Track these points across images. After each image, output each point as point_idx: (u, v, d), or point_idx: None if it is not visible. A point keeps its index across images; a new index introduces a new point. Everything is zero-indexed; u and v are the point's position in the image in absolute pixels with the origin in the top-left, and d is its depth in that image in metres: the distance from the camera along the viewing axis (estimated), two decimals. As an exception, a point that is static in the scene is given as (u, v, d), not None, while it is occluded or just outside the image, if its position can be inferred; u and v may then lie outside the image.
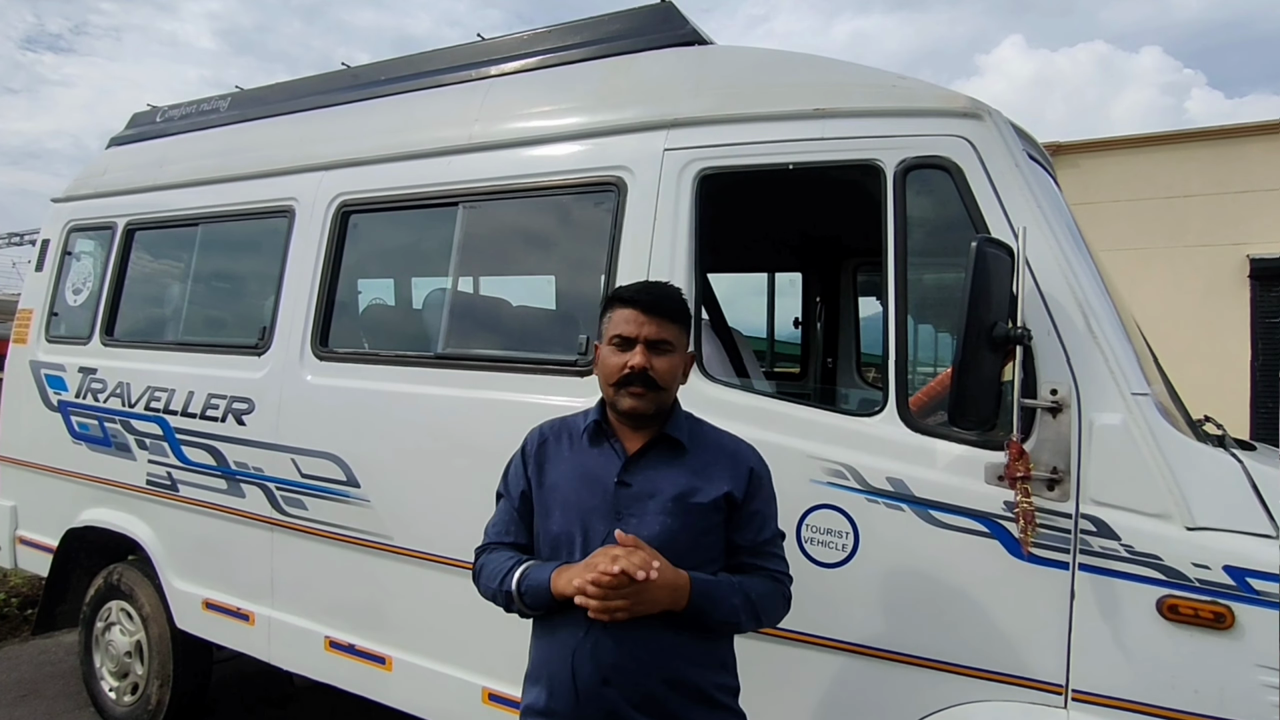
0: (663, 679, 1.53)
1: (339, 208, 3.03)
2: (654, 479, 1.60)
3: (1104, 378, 1.82)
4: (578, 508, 1.60)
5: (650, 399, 1.60)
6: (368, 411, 2.79)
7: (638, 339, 1.60)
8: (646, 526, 1.56)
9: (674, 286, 1.70)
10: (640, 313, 1.61)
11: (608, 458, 1.63)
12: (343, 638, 2.83)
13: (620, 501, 1.58)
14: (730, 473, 1.62)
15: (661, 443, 1.64)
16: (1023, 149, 2.07)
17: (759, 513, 1.64)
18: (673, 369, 1.63)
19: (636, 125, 2.45)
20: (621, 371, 1.59)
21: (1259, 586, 1.64)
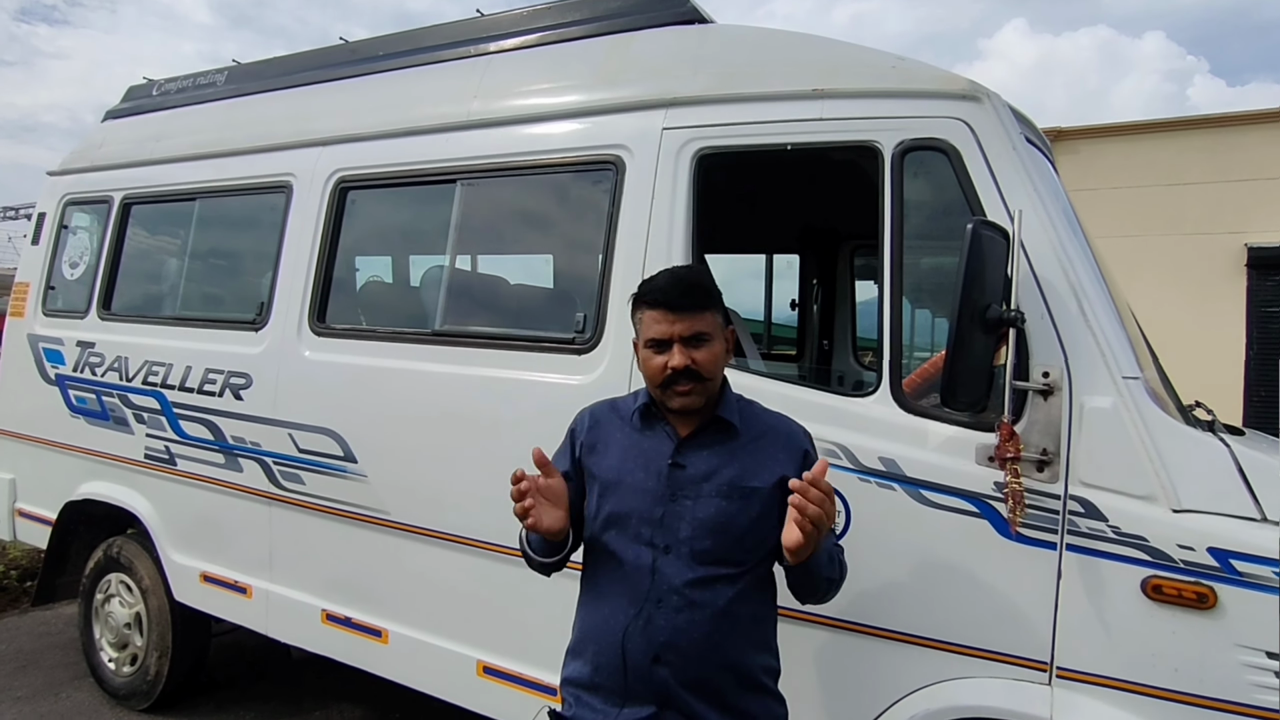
0: (714, 660, 1.53)
1: (337, 184, 3.02)
2: (708, 461, 1.59)
3: (1096, 361, 1.83)
4: (632, 489, 1.60)
5: (699, 392, 1.58)
6: (365, 387, 2.80)
7: (672, 339, 1.57)
8: (702, 509, 1.56)
9: (698, 271, 1.69)
10: (669, 312, 1.58)
11: (660, 440, 1.63)
12: (340, 611, 2.87)
13: (675, 483, 1.58)
14: (786, 455, 1.61)
15: (713, 425, 1.63)
16: (1020, 132, 2.07)
17: None
18: (714, 357, 1.59)
19: (635, 104, 2.45)
20: (664, 373, 1.57)
21: (1241, 568, 1.67)
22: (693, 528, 1.55)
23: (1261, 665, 1.64)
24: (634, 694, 1.54)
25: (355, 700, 3.75)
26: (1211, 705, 1.68)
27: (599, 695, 1.58)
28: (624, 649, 1.54)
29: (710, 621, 1.53)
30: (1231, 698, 1.66)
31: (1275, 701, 1.63)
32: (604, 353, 2.35)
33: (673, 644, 1.52)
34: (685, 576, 1.53)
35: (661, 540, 1.56)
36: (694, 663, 1.52)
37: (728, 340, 1.66)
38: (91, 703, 3.63)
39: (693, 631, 1.52)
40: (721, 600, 1.53)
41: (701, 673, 1.53)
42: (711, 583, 1.54)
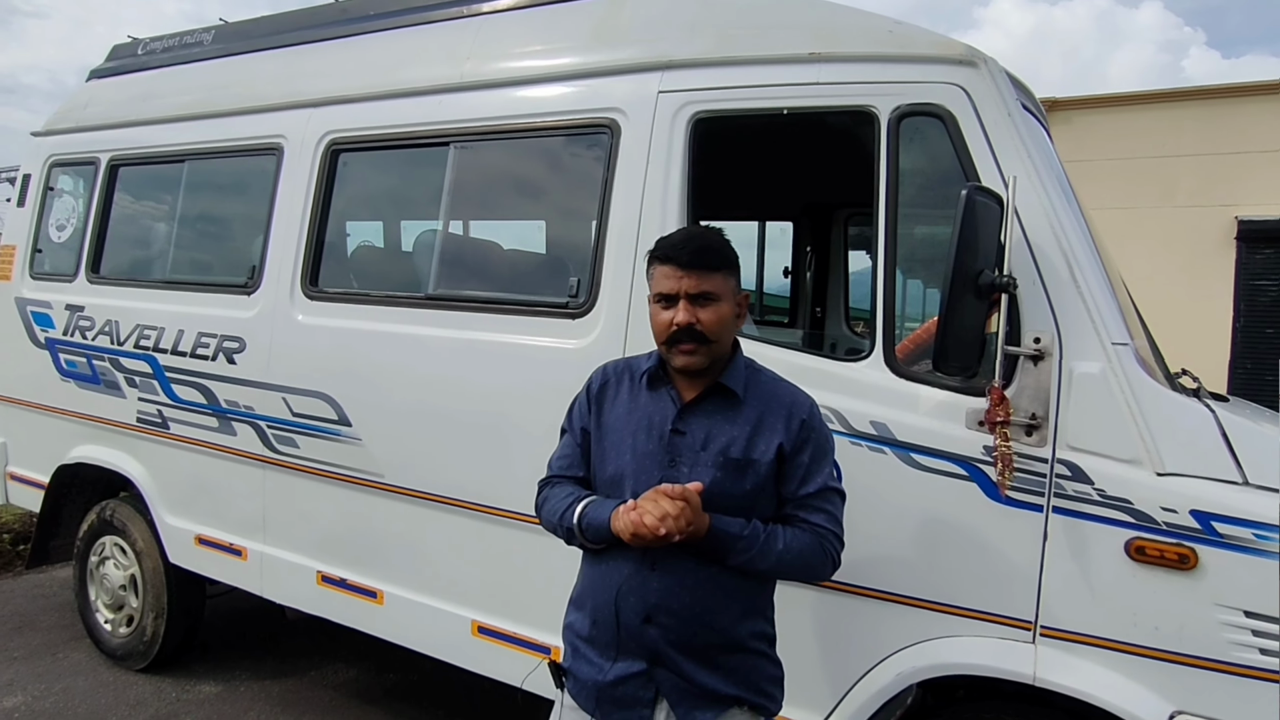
0: (703, 623, 1.56)
1: (328, 146, 2.99)
2: (708, 428, 1.59)
3: (1086, 327, 1.85)
4: (632, 451, 1.61)
5: (702, 353, 1.57)
6: (359, 351, 2.80)
7: (679, 294, 1.56)
8: (698, 476, 1.56)
9: (715, 231, 1.66)
10: (677, 268, 1.56)
11: (664, 404, 1.63)
12: (335, 572, 2.89)
13: (674, 449, 1.58)
14: (784, 424, 1.60)
15: (717, 392, 1.62)
16: (1017, 99, 2.07)
17: (804, 465, 1.60)
18: (720, 319, 1.58)
19: (631, 66, 2.42)
20: (669, 330, 1.57)
21: (1222, 530, 1.71)
22: None
23: (1239, 624, 1.69)
24: (626, 649, 1.58)
25: (349, 661, 3.81)
26: (1190, 662, 1.73)
27: (595, 648, 1.62)
28: (617, 607, 1.57)
29: (701, 587, 1.55)
30: (1210, 655, 1.71)
31: (1252, 658, 1.68)
32: (598, 317, 2.35)
33: (663, 606, 1.55)
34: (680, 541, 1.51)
35: None
36: (684, 625, 1.55)
37: (740, 305, 1.64)
38: (89, 663, 3.67)
39: (684, 595, 1.55)
40: (713, 567, 1.55)
41: (691, 635, 1.56)
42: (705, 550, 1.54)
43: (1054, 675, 1.82)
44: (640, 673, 1.57)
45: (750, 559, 1.56)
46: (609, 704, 1.59)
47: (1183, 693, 1.73)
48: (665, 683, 1.57)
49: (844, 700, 2.04)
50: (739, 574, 1.58)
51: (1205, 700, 1.72)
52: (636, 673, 1.57)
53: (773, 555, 1.56)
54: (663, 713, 1.57)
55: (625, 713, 1.58)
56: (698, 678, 1.56)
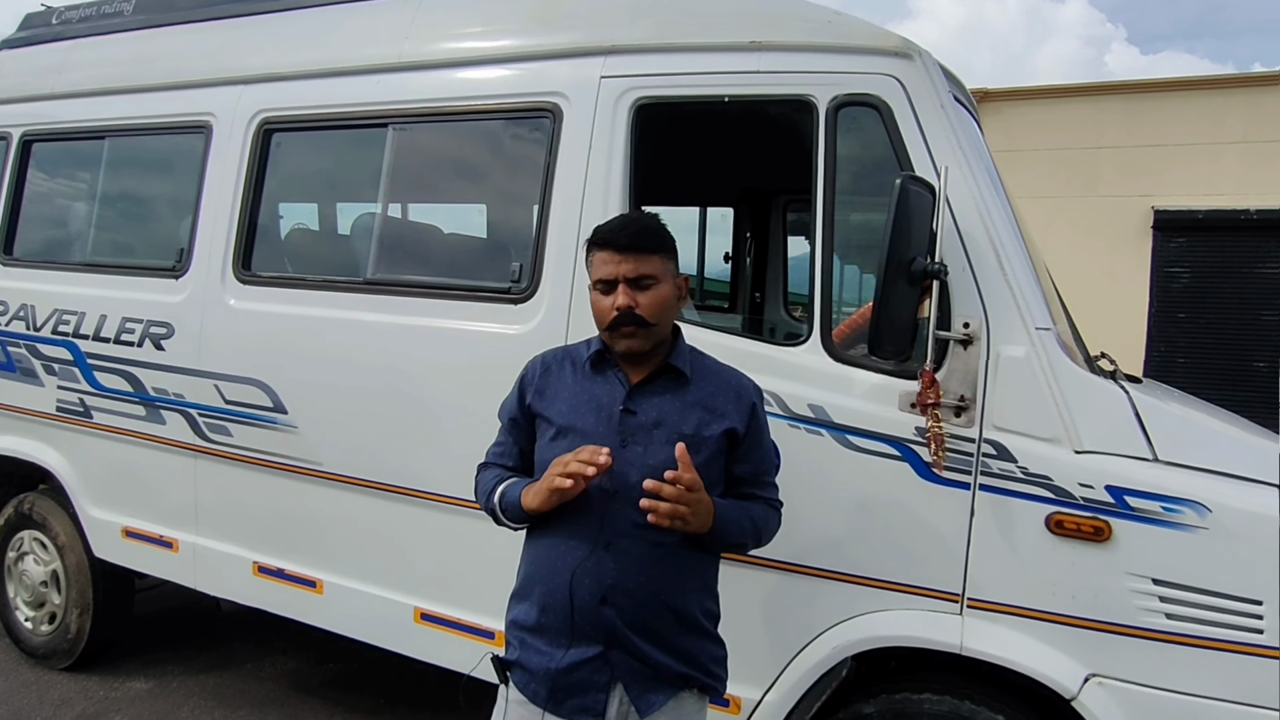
0: (659, 603, 1.58)
1: (260, 125, 2.90)
2: (659, 408, 1.61)
3: (1011, 313, 1.93)
4: (584, 434, 1.61)
5: (643, 336, 1.59)
6: (294, 337, 2.74)
7: (618, 279, 1.57)
8: (652, 455, 1.58)
9: (651, 216, 1.69)
10: (615, 252, 1.58)
11: (612, 386, 1.64)
12: (271, 562, 2.84)
13: (626, 429, 1.60)
14: (735, 407, 1.64)
15: (665, 373, 1.64)
16: (949, 91, 2.13)
17: (760, 445, 1.69)
18: (660, 301, 1.59)
19: (573, 50, 2.41)
20: (610, 314, 1.58)
21: (1134, 503, 1.81)
22: (643, 474, 1.55)
23: (1148, 591, 1.80)
24: (580, 634, 1.58)
25: (287, 652, 3.74)
26: (1104, 628, 1.83)
27: (544, 637, 1.61)
28: (572, 591, 1.57)
29: (657, 565, 1.57)
30: (1120, 620, 1.82)
31: (1159, 623, 1.79)
32: (540, 302, 2.35)
33: (620, 586, 1.56)
34: (634, 520, 1.55)
35: (611, 485, 1.57)
36: (640, 604, 1.57)
37: (680, 288, 1.66)
38: (8, 663, 3.52)
39: (640, 574, 1.56)
40: (668, 544, 1.57)
41: (646, 614, 1.57)
42: (660, 527, 1.55)
43: (979, 644, 1.91)
44: (596, 656, 1.58)
45: (741, 544, 1.68)
46: (563, 691, 1.59)
47: (1097, 657, 1.84)
48: (620, 665, 1.58)
49: (783, 674, 2.10)
50: (692, 551, 1.62)
51: (1118, 663, 1.83)
52: (592, 657, 1.58)
53: (750, 534, 1.67)
54: (617, 696, 1.58)
55: (580, 698, 1.58)
56: (653, 657, 1.58)
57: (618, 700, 1.58)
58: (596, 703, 1.58)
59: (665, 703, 1.60)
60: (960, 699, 1.96)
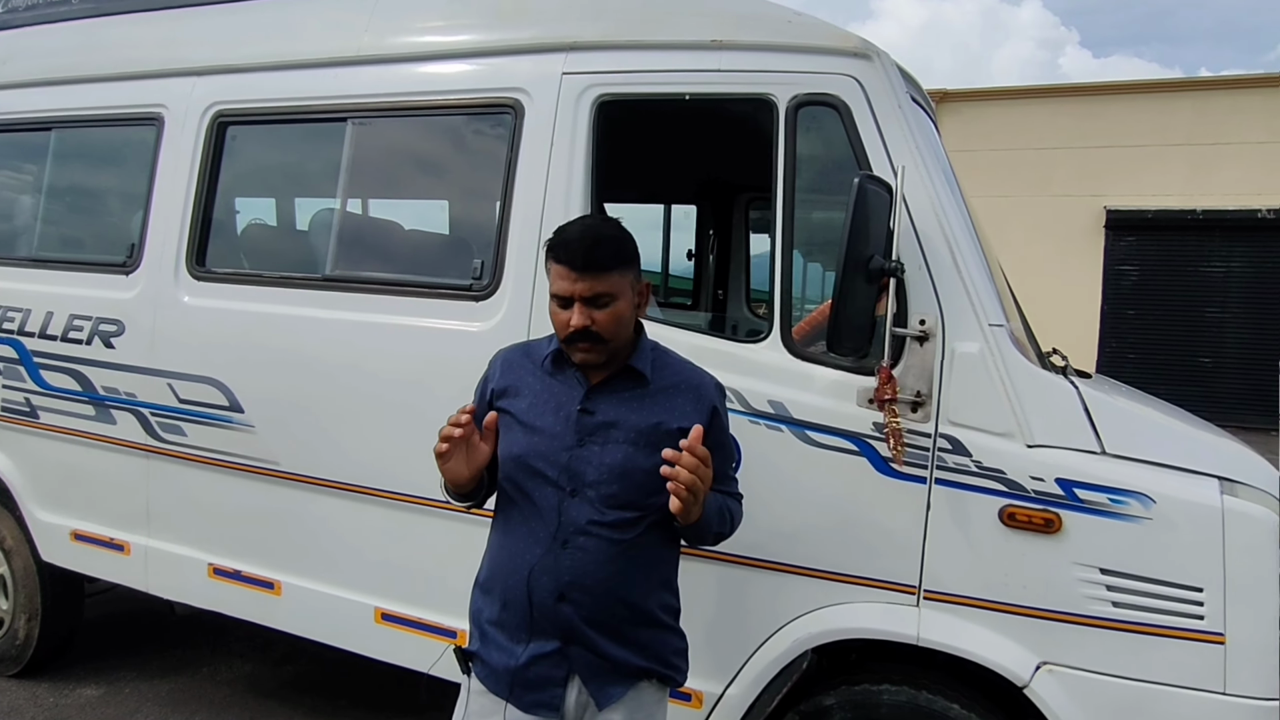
0: (616, 598, 1.59)
1: (214, 118, 2.84)
2: (616, 408, 1.62)
3: (966, 310, 1.97)
4: (542, 433, 1.62)
5: (600, 351, 1.59)
6: (252, 334, 2.69)
7: (573, 298, 1.56)
8: (609, 455, 1.59)
9: (610, 225, 1.66)
10: (571, 270, 1.55)
11: (570, 385, 1.64)
12: (227, 564, 2.79)
13: (583, 429, 1.60)
14: (694, 407, 1.64)
15: (624, 374, 1.65)
16: (907, 91, 2.17)
17: (722, 444, 1.69)
18: (616, 318, 1.58)
19: (535, 46, 2.40)
20: (566, 330, 1.58)
21: (1083, 495, 1.87)
22: (599, 472, 1.58)
23: (1095, 580, 1.85)
24: (539, 630, 1.60)
25: (245, 655, 3.68)
26: (1054, 617, 1.89)
27: (505, 631, 1.63)
28: (530, 588, 1.58)
29: (613, 562, 1.58)
30: (1071, 610, 1.87)
31: (1106, 611, 1.85)
32: (502, 299, 2.34)
33: (577, 583, 1.57)
34: (590, 518, 1.57)
35: (569, 484, 1.59)
36: (597, 600, 1.58)
37: (640, 295, 1.66)
38: (-50, 671, 3.41)
39: (597, 572, 1.58)
40: (625, 542, 1.59)
41: (604, 610, 1.59)
42: (616, 525, 1.58)
43: (935, 635, 1.96)
44: (553, 652, 1.59)
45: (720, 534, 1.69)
46: (521, 687, 1.60)
47: (1048, 645, 1.89)
48: (578, 660, 1.59)
49: (744, 668, 2.12)
50: (651, 547, 1.63)
51: (1067, 651, 1.88)
52: (550, 652, 1.59)
53: (727, 524, 1.70)
54: (575, 690, 1.60)
55: (537, 694, 1.60)
56: (610, 652, 1.59)
57: (575, 693, 1.60)
58: (554, 697, 1.60)
59: (624, 694, 1.62)
60: (917, 689, 2.00)
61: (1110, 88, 13.79)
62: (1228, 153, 12.69)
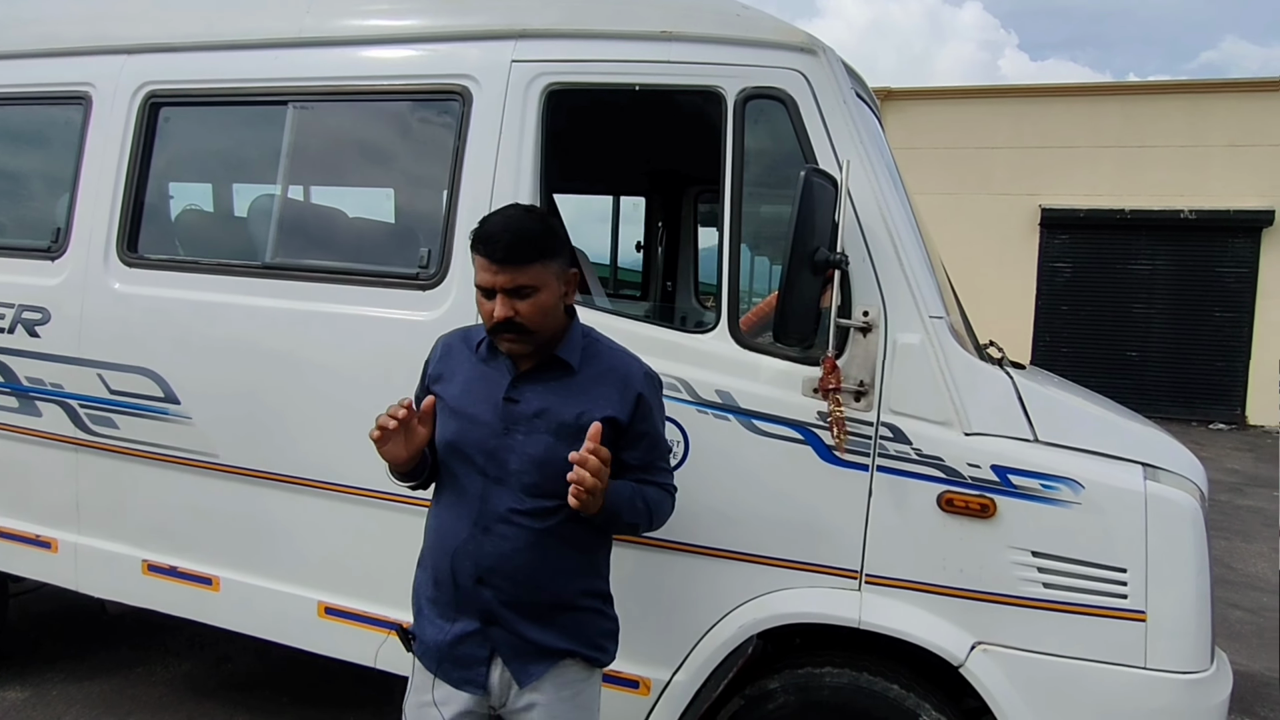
0: (535, 585, 1.63)
1: (146, 98, 2.73)
2: (542, 397, 1.64)
3: (908, 302, 2.03)
4: (471, 419, 1.65)
5: (525, 341, 1.61)
6: (188, 322, 2.61)
7: (495, 289, 1.57)
8: (532, 445, 1.62)
9: (533, 217, 1.65)
10: (490, 262, 1.57)
11: (500, 373, 1.67)
12: (163, 560, 2.70)
13: (509, 417, 1.63)
14: (618, 396, 1.65)
15: (551, 363, 1.66)
16: (852, 87, 2.21)
17: (647, 434, 1.69)
18: (540, 309, 1.59)
19: (483, 33, 2.38)
20: (490, 321, 1.59)
21: (1017, 481, 1.94)
22: (521, 462, 1.61)
23: (1027, 563, 1.93)
24: (463, 609, 1.65)
25: (182, 654, 3.58)
26: (988, 599, 1.96)
27: (437, 608, 1.69)
28: (453, 569, 1.64)
29: (532, 549, 1.62)
30: (1004, 591, 1.94)
31: (1037, 592, 1.93)
32: (449, 288, 2.31)
33: (496, 568, 1.62)
34: (512, 506, 1.61)
35: (493, 471, 1.63)
36: (515, 586, 1.63)
37: (568, 284, 1.66)
38: None
39: (515, 558, 1.62)
40: (544, 530, 1.62)
41: (523, 595, 1.63)
42: (537, 514, 1.62)
43: (876, 618, 2.01)
44: (476, 631, 1.64)
45: (634, 525, 1.69)
46: (449, 664, 1.67)
47: (983, 626, 1.96)
48: (499, 640, 1.64)
49: (690, 654, 2.15)
50: (574, 535, 1.66)
51: (1001, 631, 1.95)
52: (472, 632, 1.65)
53: (642, 515, 1.68)
54: (498, 669, 1.66)
55: (464, 671, 1.66)
56: (530, 634, 1.64)
57: (498, 672, 1.66)
58: (478, 675, 1.66)
59: (544, 673, 1.66)
60: (858, 671, 2.05)
61: (1045, 90, 14.25)
62: (1153, 155, 13.24)
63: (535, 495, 1.62)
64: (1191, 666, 1.91)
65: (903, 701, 2.00)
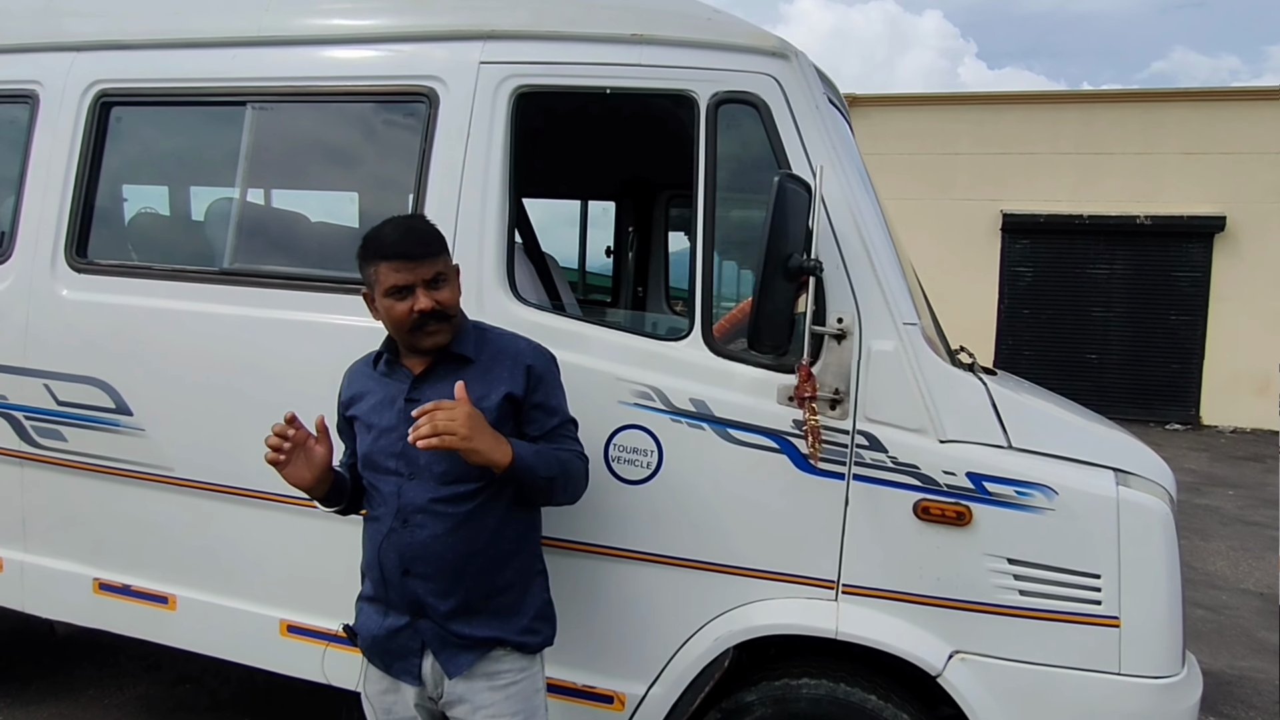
0: (460, 570, 1.71)
1: (97, 98, 2.63)
2: (439, 391, 1.72)
3: (881, 309, 2.01)
4: (379, 429, 1.77)
5: (447, 330, 1.74)
6: (141, 331, 2.51)
7: (414, 284, 1.69)
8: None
9: (422, 220, 1.84)
10: (408, 261, 1.69)
11: (400, 380, 1.79)
12: (115, 579, 2.60)
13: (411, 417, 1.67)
14: (509, 373, 1.76)
15: (444, 359, 1.77)
16: (824, 92, 2.19)
17: (542, 405, 1.79)
18: (454, 295, 1.75)
19: (450, 33, 2.32)
20: (411, 317, 1.69)
21: (992, 489, 1.93)
22: (430, 453, 1.67)
23: (1003, 570, 1.92)
24: (393, 604, 1.75)
25: (137, 675, 3.45)
26: (966, 607, 1.95)
27: (375, 605, 1.80)
28: (381, 564, 1.74)
29: (453, 534, 1.70)
30: (979, 599, 1.93)
31: (1013, 599, 1.92)
32: (417, 296, 2.25)
33: (420, 557, 1.70)
34: (428, 496, 1.71)
35: (405, 469, 1.73)
36: (441, 573, 1.70)
37: (458, 274, 1.82)
38: None
39: (435, 544, 1.69)
40: (464, 514, 1.70)
41: (449, 582, 1.71)
42: (454, 499, 1.71)
43: (853, 628, 1.99)
44: (406, 625, 1.74)
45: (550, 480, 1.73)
46: (389, 655, 1.77)
47: (961, 634, 1.95)
48: (427, 632, 1.73)
49: (666, 668, 2.11)
50: (494, 516, 1.72)
51: (978, 639, 1.95)
52: (403, 625, 1.74)
53: (557, 470, 1.73)
54: (429, 660, 1.74)
55: (402, 662, 1.76)
56: (454, 626, 1.72)
57: (430, 663, 1.75)
58: (413, 666, 1.75)
59: (473, 664, 1.74)
60: (836, 682, 2.03)
61: (1007, 98, 14.52)
62: (1110, 163, 13.54)
63: (450, 482, 1.70)
64: (1164, 671, 1.92)
65: (880, 712, 1.99)
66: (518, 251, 2.43)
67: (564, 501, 1.84)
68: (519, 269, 2.37)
